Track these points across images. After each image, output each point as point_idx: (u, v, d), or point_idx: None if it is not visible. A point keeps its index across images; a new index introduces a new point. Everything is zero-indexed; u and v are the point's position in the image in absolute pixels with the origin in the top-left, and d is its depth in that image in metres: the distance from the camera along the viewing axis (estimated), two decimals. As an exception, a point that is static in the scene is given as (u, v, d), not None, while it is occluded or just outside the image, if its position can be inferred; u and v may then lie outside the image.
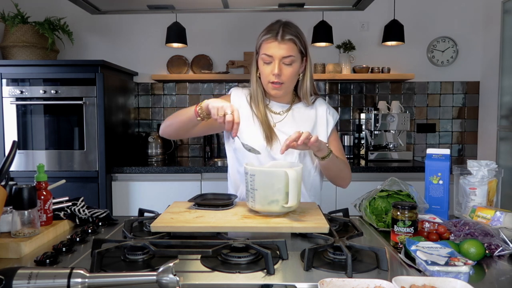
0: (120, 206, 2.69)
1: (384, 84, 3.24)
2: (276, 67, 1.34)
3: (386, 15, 3.06)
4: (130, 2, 2.05)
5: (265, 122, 1.42)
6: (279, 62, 1.35)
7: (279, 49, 1.34)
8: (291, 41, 1.35)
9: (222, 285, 0.83)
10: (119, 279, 0.75)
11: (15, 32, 2.79)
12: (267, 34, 1.36)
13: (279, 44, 1.34)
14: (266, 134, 1.41)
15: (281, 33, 1.34)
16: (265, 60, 1.37)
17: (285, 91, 1.43)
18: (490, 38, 3.05)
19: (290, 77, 1.38)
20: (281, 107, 1.48)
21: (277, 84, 1.38)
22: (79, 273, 0.74)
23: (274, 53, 1.34)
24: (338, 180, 1.50)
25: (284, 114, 1.47)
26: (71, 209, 1.26)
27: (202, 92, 3.28)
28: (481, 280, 0.88)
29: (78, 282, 0.73)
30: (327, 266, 0.90)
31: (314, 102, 1.51)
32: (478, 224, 1.09)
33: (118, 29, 3.22)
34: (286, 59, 1.35)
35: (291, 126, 1.44)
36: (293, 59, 1.36)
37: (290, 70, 1.37)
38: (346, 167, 1.46)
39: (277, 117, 1.47)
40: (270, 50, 1.35)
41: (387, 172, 2.66)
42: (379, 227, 1.22)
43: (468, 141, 3.26)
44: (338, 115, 1.55)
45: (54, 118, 2.63)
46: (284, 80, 1.37)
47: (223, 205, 1.23)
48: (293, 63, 1.37)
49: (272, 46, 1.35)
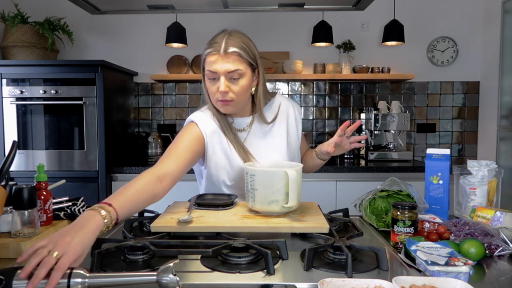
0: (120, 206, 2.68)
1: (384, 84, 3.24)
2: (223, 84, 1.22)
3: (386, 15, 3.06)
4: (130, 2, 2.05)
5: (237, 144, 1.34)
6: (225, 78, 1.22)
7: (222, 63, 1.21)
8: (235, 54, 1.22)
9: (222, 285, 0.83)
10: (119, 279, 0.75)
11: (15, 32, 2.79)
12: (209, 48, 1.23)
13: (223, 58, 1.21)
14: (242, 156, 1.33)
15: (223, 46, 1.21)
16: (209, 77, 1.25)
17: (236, 107, 1.31)
18: (490, 38, 3.05)
19: (240, 93, 1.26)
20: (244, 122, 1.39)
21: (226, 102, 1.26)
22: (79, 273, 0.74)
23: (217, 68, 1.21)
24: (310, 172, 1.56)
25: (248, 129, 1.38)
26: (71, 209, 1.26)
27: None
28: (481, 280, 0.88)
29: (78, 282, 0.73)
30: (327, 266, 0.90)
31: (274, 103, 1.43)
32: (478, 224, 1.09)
33: (118, 29, 3.22)
34: (232, 73, 1.22)
35: (260, 136, 1.39)
36: (240, 73, 1.23)
37: (240, 83, 1.24)
38: None
39: (242, 134, 1.38)
40: (213, 66, 1.22)
41: (387, 172, 2.66)
42: (379, 227, 1.22)
43: (468, 141, 3.26)
44: (301, 109, 1.57)
45: (54, 118, 2.63)
46: (233, 97, 1.25)
47: (223, 205, 1.23)
48: (241, 78, 1.24)
49: (215, 61, 1.21)
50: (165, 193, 1.16)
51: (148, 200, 1.08)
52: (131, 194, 1.03)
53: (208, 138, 1.33)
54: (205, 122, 1.34)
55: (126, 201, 1.00)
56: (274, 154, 1.38)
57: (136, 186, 1.05)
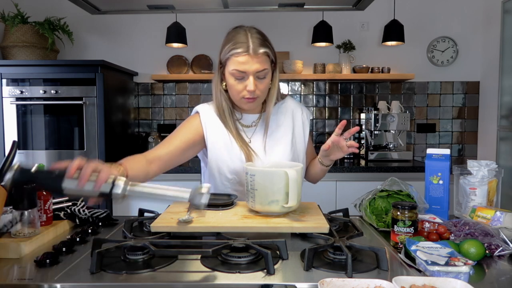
0: (120, 206, 2.69)
1: (384, 84, 3.24)
2: (252, 84, 1.25)
3: (386, 15, 3.06)
4: (130, 2, 2.05)
5: (240, 140, 1.36)
6: (254, 77, 1.25)
7: (252, 64, 1.23)
8: (265, 54, 1.26)
9: (222, 285, 0.83)
10: (155, 191, 0.96)
11: (15, 32, 2.79)
12: (237, 48, 1.24)
13: (252, 59, 1.23)
14: (245, 151, 1.34)
15: (252, 46, 1.23)
16: (237, 76, 1.26)
17: (258, 104, 1.37)
18: (490, 38, 3.05)
19: (264, 90, 1.32)
20: (252, 119, 1.42)
21: (252, 100, 1.30)
22: (121, 179, 0.94)
23: (247, 69, 1.24)
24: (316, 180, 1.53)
25: (255, 126, 1.41)
26: (71, 209, 1.26)
27: (202, 92, 3.28)
28: (481, 280, 0.88)
29: (121, 187, 0.93)
30: (327, 266, 0.90)
31: (284, 103, 1.45)
32: (478, 224, 1.09)
33: (118, 29, 3.22)
34: (260, 73, 1.26)
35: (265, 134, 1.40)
36: (266, 72, 1.28)
37: (264, 83, 1.30)
38: None
39: (249, 130, 1.40)
40: (243, 66, 1.23)
41: (387, 172, 2.66)
42: (379, 227, 1.22)
43: (468, 141, 3.26)
44: (310, 114, 1.56)
45: (54, 118, 2.63)
46: (259, 95, 1.30)
47: (223, 205, 1.23)
48: (266, 76, 1.29)
49: (245, 62, 1.23)
50: (154, 175, 1.27)
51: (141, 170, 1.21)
52: (126, 160, 1.18)
53: (208, 130, 1.36)
54: (208, 114, 1.38)
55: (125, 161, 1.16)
56: (278, 152, 1.38)
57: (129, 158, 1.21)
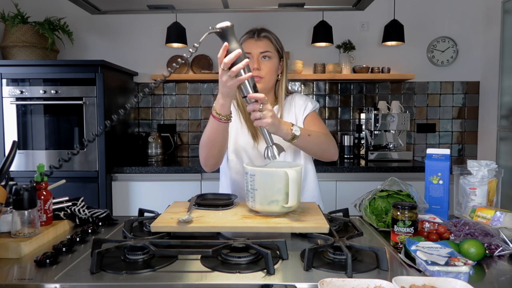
0: (120, 206, 2.69)
1: (384, 84, 3.24)
2: (255, 62, 1.42)
3: (386, 15, 3.06)
4: (130, 2, 2.04)
5: (250, 120, 1.38)
6: (258, 57, 1.43)
7: (256, 46, 1.44)
8: (267, 38, 1.46)
9: (222, 285, 0.83)
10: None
11: (15, 32, 2.79)
12: (245, 35, 1.48)
13: (256, 42, 1.44)
14: (252, 132, 1.48)
15: (257, 32, 1.46)
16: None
17: (265, 85, 1.46)
18: (490, 38, 3.05)
19: (269, 72, 1.45)
20: None
21: (257, 78, 1.42)
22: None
23: (251, 49, 1.43)
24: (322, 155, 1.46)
25: None
26: (71, 209, 1.26)
27: (202, 92, 3.28)
28: (481, 280, 0.88)
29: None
30: (327, 266, 0.90)
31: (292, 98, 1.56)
32: (478, 224, 1.09)
33: (118, 29, 3.22)
34: (263, 53, 1.44)
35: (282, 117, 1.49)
36: (270, 54, 1.45)
37: (269, 64, 1.45)
38: (326, 139, 1.42)
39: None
40: (248, 47, 1.43)
41: (387, 172, 2.66)
42: (379, 227, 1.22)
43: (468, 141, 3.26)
44: (317, 104, 1.59)
45: (54, 118, 2.63)
46: (264, 75, 1.44)
47: (223, 205, 1.23)
48: (271, 58, 1.45)
49: (250, 43, 1.44)
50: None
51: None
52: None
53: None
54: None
55: None
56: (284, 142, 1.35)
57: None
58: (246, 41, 1.46)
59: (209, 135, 1.31)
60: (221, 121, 1.25)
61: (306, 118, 1.52)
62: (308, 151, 1.45)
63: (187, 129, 3.30)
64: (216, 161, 1.41)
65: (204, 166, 1.43)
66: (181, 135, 3.30)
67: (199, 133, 3.30)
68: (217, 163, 1.44)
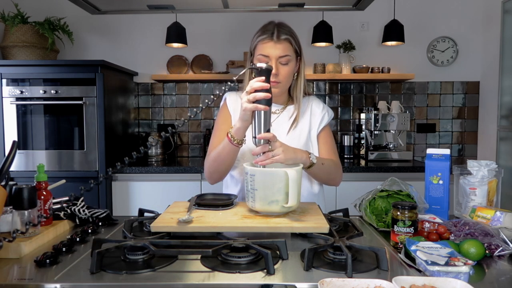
0: (120, 206, 2.69)
1: (384, 84, 3.24)
2: (274, 67, 1.34)
3: (386, 15, 3.06)
4: (130, 2, 2.04)
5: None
6: (276, 61, 1.36)
7: (275, 49, 1.35)
8: (287, 40, 1.37)
9: (222, 285, 0.83)
10: None
11: (15, 32, 2.79)
12: (263, 34, 1.37)
13: (275, 44, 1.35)
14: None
15: (276, 33, 1.35)
16: (261, 61, 1.36)
17: (281, 90, 1.44)
18: (490, 38, 3.05)
19: (286, 77, 1.40)
20: (275, 107, 1.49)
21: (274, 83, 1.37)
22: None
23: (270, 53, 1.35)
24: (328, 182, 1.49)
25: (279, 113, 1.49)
26: (71, 209, 1.26)
27: (202, 92, 3.28)
28: (481, 280, 0.88)
29: None
30: (327, 266, 0.90)
31: (308, 101, 1.52)
32: (478, 224, 1.09)
33: (118, 29, 3.22)
34: (282, 58, 1.36)
35: (287, 125, 1.46)
36: (289, 59, 1.37)
37: (287, 69, 1.38)
38: (335, 169, 1.44)
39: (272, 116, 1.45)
40: (266, 50, 1.35)
41: (387, 172, 2.66)
42: (379, 227, 1.22)
43: (468, 141, 3.26)
44: (333, 114, 1.56)
45: (54, 118, 2.63)
46: (281, 80, 1.39)
47: (223, 205, 1.23)
48: (289, 63, 1.38)
49: (268, 46, 1.35)
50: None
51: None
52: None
53: (234, 113, 1.49)
54: (233, 99, 1.51)
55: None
56: (292, 143, 1.36)
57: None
58: (265, 42, 1.36)
59: (220, 153, 1.32)
60: (233, 143, 1.26)
61: (321, 133, 1.50)
62: (317, 178, 1.45)
63: (187, 129, 3.30)
64: (221, 176, 1.42)
65: (208, 179, 1.44)
66: (181, 135, 3.30)
67: (199, 133, 3.30)
68: (221, 178, 1.45)
